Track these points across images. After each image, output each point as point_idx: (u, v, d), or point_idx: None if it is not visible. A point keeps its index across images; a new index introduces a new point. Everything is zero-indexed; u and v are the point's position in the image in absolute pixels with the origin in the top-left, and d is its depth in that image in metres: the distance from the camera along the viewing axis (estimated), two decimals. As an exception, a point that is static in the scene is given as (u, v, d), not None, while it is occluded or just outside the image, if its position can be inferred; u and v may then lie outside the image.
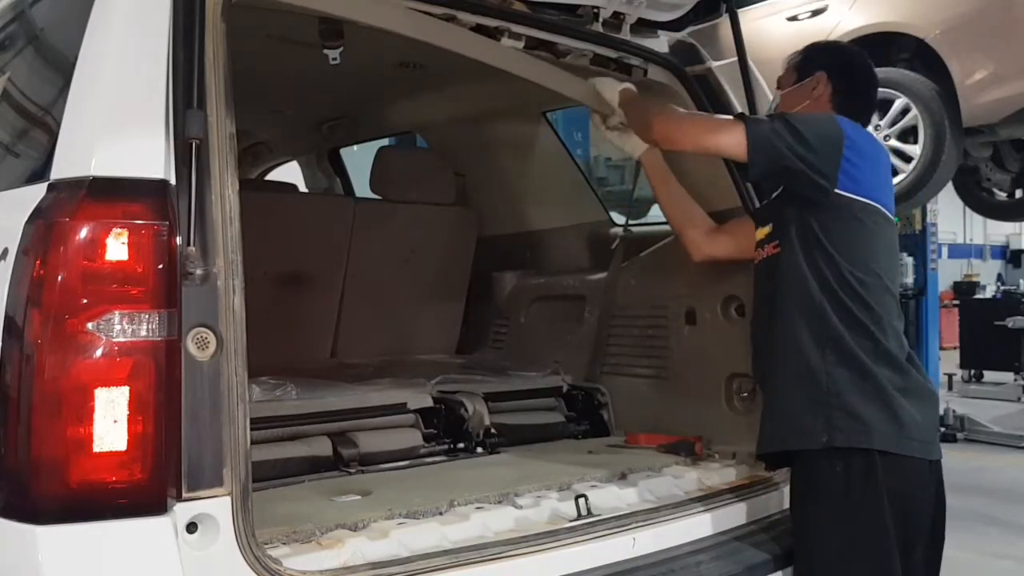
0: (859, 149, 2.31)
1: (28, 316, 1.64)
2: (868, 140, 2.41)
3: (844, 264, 2.27)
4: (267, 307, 3.19)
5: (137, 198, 1.70)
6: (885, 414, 2.22)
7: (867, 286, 2.28)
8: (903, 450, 2.22)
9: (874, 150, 2.41)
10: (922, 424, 2.27)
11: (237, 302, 1.77)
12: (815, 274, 2.29)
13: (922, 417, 2.27)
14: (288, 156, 5.58)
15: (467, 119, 4.25)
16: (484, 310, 4.29)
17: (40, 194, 1.74)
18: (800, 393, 2.30)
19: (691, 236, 2.84)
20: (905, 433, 2.23)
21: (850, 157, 2.28)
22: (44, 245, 1.65)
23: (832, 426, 2.22)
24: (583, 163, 8.24)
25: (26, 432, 1.60)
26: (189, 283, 1.72)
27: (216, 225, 1.77)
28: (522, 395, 3.35)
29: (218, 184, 1.79)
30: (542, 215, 4.25)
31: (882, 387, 2.23)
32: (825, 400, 2.25)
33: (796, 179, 2.30)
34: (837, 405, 2.23)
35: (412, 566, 1.94)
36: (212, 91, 1.83)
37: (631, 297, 3.51)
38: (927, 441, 2.29)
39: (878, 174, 2.38)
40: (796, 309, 2.32)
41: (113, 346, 1.63)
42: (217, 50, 1.86)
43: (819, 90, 2.47)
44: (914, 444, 2.25)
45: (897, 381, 2.26)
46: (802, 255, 2.31)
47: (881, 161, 2.43)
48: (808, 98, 2.48)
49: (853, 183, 2.29)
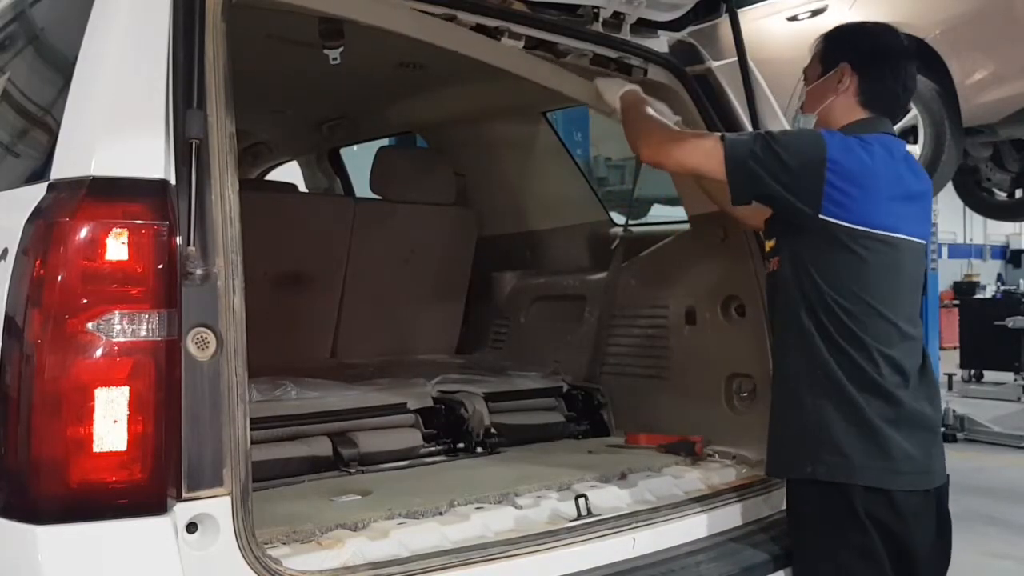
0: (845, 172, 2.15)
1: (28, 316, 1.64)
2: (860, 161, 2.18)
3: (828, 291, 2.18)
4: (267, 307, 3.19)
5: (137, 198, 1.70)
6: (871, 448, 2.16)
7: (853, 315, 2.18)
8: (889, 484, 2.16)
9: (867, 172, 2.18)
10: (915, 455, 2.19)
11: (237, 302, 1.77)
12: (803, 299, 2.22)
13: (916, 448, 2.20)
14: (288, 156, 5.59)
15: (467, 119, 4.25)
16: (484, 310, 4.29)
17: (40, 194, 1.74)
18: (790, 421, 2.28)
19: (741, 212, 2.65)
20: (893, 467, 2.16)
21: (833, 181, 2.15)
22: (44, 245, 1.65)
23: (817, 458, 2.19)
24: (583, 163, 8.24)
25: (26, 432, 1.60)
26: (189, 283, 1.72)
27: (216, 225, 1.77)
28: (522, 395, 3.35)
29: (218, 184, 1.79)
30: (542, 215, 4.25)
31: (868, 420, 2.16)
32: (811, 431, 2.21)
33: (776, 203, 2.24)
34: (822, 438, 2.19)
35: (412, 566, 1.94)
36: (212, 91, 1.83)
37: (631, 297, 3.51)
38: (920, 472, 2.21)
39: (873, 198, 2.19)
40: (789, 333, 2.28)
41: (113, 346, 1.62)
42: (217, 50, 1.86)
43: (845, 83, 2.31)
44: (903, 478, 2.18)
45: (887, 413, 2.18)
46: (792, 278, 2.25)
47: (880, 184, 2.20)
48: (833, 93, 2.32)
49: (839, 208, 2.16)
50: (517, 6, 2.64)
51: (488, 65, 2.68)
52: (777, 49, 4.72)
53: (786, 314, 2.29)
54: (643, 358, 3.39)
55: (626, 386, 3.42)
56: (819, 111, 2.36)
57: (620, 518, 2.31)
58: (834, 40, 2.39)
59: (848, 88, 2.31)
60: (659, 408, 3.23)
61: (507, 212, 4.29)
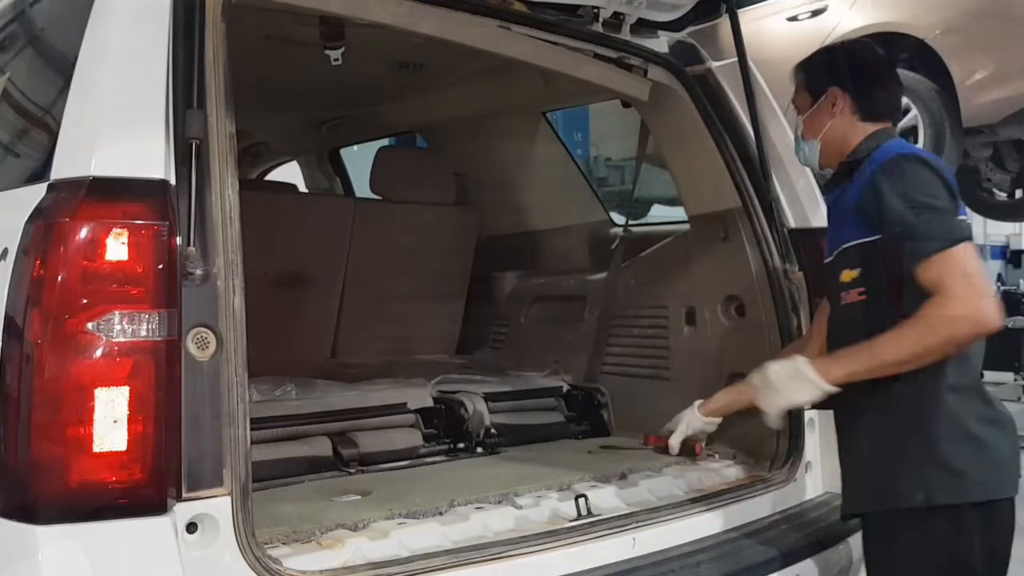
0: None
1: (28, 316, 1.64)
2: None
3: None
4: (267, 307, 3.19)
5: (137, 198, 1.70)
6: (980, 458, 2.07)
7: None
8: (998, 493, 2.07)
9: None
10: (1012, 455, 2.12)
11: (237, 302, 1.77)
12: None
13: (1011, 447, 2.13)
14: (288, 156, 5.59)
15: (467, 119, 4.25)
16: (484, 310, 4.29)
17: (40, 194, 1.74)
18: (886, 448, 2.14)
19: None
20: (1002, 475, 2.09)
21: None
22: (44, 245, 1.65)
23: (929, 483, 2.06)
24: (583, 163, 8.24)
25: (25, 432, 1.60)
26: (189, 283, 1.72)
27: (216, 225, 1.77)
28: (523, 395, 3.35)
29: (218, 184, 1.79)
30: (542, 215, 4.25)
31: (971, 429, 2.07)
32: (918, 454, 2.09)
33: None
34: (932, 459, 2.07)
35: (412, 566, 1.93)
36: (212, 91, 1.83)
37: (631, 297, 3.51)
38: (1017, 476, 2.13)
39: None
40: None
41: (113, 346, 1.62)
42: (217, 50, 1.86)
43: (839, 105, 2.32)
44: (1010, 484, 2.09)
45: (986, 412, 2.11)
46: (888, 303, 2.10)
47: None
48: (831, 116, 2.33)
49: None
50: (517, 6, 2.65)
51: (487, 64, 2.68)
52: (777, 49, 4.72)
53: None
54: (643, 358, 3.39)
55: (626, 386, 3.42)
56: (821, 136, 2.36)
57: (620, 518, 2.30)
58: (815, 68, 2.43)
59: (844, 108, 2.33)
60: (659, 408, 3.22)
61: (507, 212, 4.29)
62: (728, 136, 2.97)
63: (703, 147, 2.99)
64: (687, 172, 3.13)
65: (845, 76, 2.35)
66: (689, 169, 3.09)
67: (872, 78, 2.37)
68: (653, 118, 3.23)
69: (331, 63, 2.78)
